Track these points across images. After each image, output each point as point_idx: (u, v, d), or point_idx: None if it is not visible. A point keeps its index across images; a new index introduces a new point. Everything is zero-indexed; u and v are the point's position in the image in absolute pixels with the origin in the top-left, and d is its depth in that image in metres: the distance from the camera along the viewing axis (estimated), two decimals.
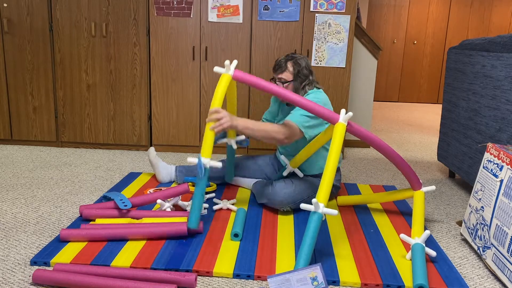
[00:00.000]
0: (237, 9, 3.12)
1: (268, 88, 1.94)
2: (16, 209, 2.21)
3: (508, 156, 1.74)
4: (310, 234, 1.64)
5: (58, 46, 3.22)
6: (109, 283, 1.50)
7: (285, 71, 2.24)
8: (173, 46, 3.20)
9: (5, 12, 3.17)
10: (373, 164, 3.30)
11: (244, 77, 1.97)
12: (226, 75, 1.96)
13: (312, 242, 1.63)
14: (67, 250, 1.75)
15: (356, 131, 1.90)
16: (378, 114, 5.81)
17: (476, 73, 2.56)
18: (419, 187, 2.11)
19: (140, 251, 1.76)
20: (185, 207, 2.19)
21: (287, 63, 2.23)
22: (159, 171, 2.59)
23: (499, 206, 1.73)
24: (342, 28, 3.13)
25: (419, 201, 2.07)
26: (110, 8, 3.15)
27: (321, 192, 1.72)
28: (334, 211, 1.66)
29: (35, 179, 2.65)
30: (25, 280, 1.57)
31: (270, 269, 1.67)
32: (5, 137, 3.38)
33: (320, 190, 1.73)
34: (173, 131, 3.34)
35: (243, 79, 1.96)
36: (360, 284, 1.61)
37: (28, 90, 3.29)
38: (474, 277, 1.74)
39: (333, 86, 3.24)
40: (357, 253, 1.84)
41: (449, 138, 2.89)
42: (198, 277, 1.64)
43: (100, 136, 3.37)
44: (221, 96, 1.93)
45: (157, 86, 3.27)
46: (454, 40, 6.88)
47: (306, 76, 2.24)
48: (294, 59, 2.24)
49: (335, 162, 1.77)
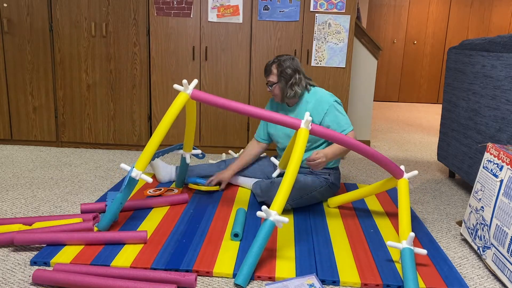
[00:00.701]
0: (237, 9, 3.12)
1: (228, 105, 1.93)
2: (16, 209, 2.21)
3: (508, 156, 1.74)
4: (259, 242, 1.65)
5: (58, 46, 3.22)
6: (109, 283, 1.50)
7: (270, 74, 2.33)
8: (173, 46, 3.20)
9: (5, 12, 3.17)
10: (373, 164, 3.30)
11: (202, 96, 1.95)
12: (183, 94, 1.96)
13: (260, 251, 1.65)
14: (67, 250, 1.75)
15: (320, 133, 1.91)
16: (378, 114, 5.81)
17: (476, 73, 2.56)
18: (401, 175, 2.10)
19: (140, 251, 1.76)
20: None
21: (272, 65, 2.33)
22: (158, 171, 2.59)
23: (499, 206, 1.73)
24: (342, 28, 3.13)
25: (404, 190, 2.03)
26: (110, 8, 3.15)
27: (277, 199, 1.73)
28: (285, 219, 1.68)
29: (35, 179, 2.65)
30: (25, 280, 1.57)
31: (270, 269, 1.67)
32: (5, 137, 3.38)
33: (276, 198, 1.74)
34: (173, 131, 3.34)
35: (201, 98, 1.96)
36: (360, 284, 1.61)
37: (28, 90, 3.29)
38: (474, 277, 1.74)
39: (333, 86, 3.24)
40: (357, 253, 1.84)
41: (449, 138, 2.89)
42: (198, 277, 1.64)
43: (100, 136, 3.37)
44: (174, 114, 1.93)
45: (157, 86, 3.27)
46: (454, 40, 6.87)
47: (290, 75, 2.28)
48: (279, 61, 2.31)
49: (295, 169, 1.78)
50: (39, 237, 1.76)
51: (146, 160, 1.90)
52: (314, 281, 1.58)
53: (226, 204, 2.32)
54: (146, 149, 1.91)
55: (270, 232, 1.68)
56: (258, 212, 1.71)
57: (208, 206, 2.28)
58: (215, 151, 3.39)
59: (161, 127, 1.93)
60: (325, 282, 1.62)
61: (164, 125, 1.93)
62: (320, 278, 1.63)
